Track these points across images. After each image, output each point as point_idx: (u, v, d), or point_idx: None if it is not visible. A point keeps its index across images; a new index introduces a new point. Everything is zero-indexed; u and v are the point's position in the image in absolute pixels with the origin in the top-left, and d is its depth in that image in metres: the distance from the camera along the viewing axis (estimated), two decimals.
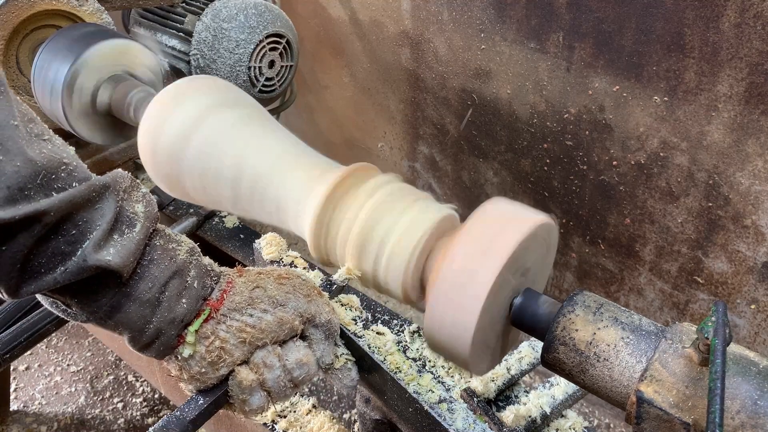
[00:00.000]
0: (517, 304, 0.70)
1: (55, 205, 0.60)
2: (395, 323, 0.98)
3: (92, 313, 0.68)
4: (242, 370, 0.73)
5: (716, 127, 1.32)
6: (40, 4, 1.23)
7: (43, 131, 0.64)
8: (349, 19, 2.00)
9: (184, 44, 1.61)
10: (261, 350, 0.74)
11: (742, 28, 1.19)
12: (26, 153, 0.59)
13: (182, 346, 0.72)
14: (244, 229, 1.52)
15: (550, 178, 1.70)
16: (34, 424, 1.93)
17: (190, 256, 0.73)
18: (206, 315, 0.72)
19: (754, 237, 1.37)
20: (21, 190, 0.58)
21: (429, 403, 0.83)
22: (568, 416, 0.93)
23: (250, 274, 0.77)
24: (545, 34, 1.50)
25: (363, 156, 2.30)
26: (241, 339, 0.72)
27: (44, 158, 0.61)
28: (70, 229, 0.62)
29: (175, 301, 0.70)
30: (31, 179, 0.59)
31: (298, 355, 0.76)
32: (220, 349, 0.72)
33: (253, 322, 0.73)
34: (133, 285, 0.68)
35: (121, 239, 0.65)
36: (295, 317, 0.75)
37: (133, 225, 0.67)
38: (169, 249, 0.71)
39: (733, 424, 0.53)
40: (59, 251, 0.62)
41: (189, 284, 0.71)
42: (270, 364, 0.74)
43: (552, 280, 1.90)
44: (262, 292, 0.75)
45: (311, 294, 0.78)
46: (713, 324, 0.54)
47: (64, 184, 0.62)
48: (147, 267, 0.69)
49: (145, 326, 0.69)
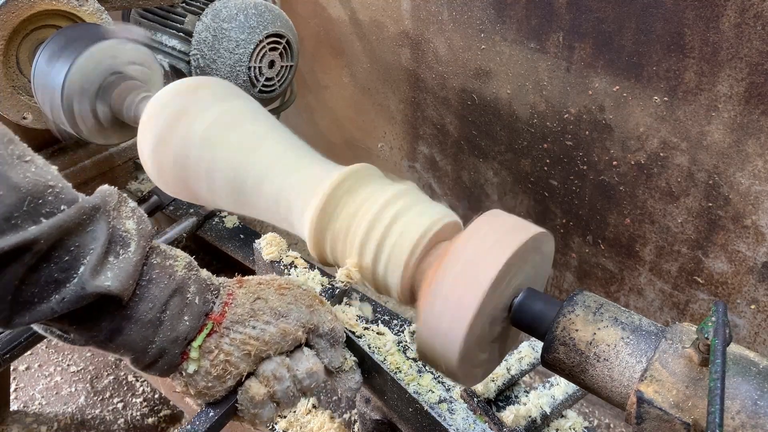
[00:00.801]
0: (517, 303, 0.70)
1: (44, 232, 0.57)
2: (395, 323, 0.98)
3: (92, 338, 0.66)
4: (253, 385, 0.72)
5: (716, 127, 1.32)
6: (40, 4, 1.23)
7: (24, 152, 0.60)
8: (349, 19, 2.00)
9: (184, 44, 1.61)
10: (270, 362, 0.73)
11: (742, 28, 1.19)
12: (9, 179, 0.56)
13: (186, 362, 0.70)
14: (244, 229, 1.52)
15: (550, 178, 1.70)
16: (34, 424, 1.93)
17: (189, 272, 0.71)
18: (209, 329, 0.71)
19: (754, 237, 1.37)
20: (7, 219, 0.55)
21: (429, 403, 0.83)
22: (568, 416, 0.93)
23: (251, 285, 0.76)
24: (545, 34, 1.50)
25: (363, 156, 2.30)
26: (246, 351, 0.71)
27: (29, 183, 0.57)
28: (62, 256, 0.59)
29: (177, 319, 0.68)
30: (16, 207, 0.56)
31: (308, 364, 0.75)
32: (225, 363, 0.71)
33: (256, 334, 0.72)
34: (134, 307, 0.66)
35: (117, 261, 0.63)
36: (298, 328, 0.74)
37: (128, 245, 0.65)
38: (166, 266, 0.69)
39: (733, 424, 0.53)
40: (52, 279, 0.59)
41: (190, 301, 0.70)
42: (280, 377, 0.73)
43: (552, 280, 1.90)
44: (264, 303, 0.74)
45: (313, 304, 0.77)
46: (713, 324, 0.54)
47: (52, 208, 0.59)
48: (146, 287, 0.67)
49: (147, 347, 0.68)
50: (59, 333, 0.67)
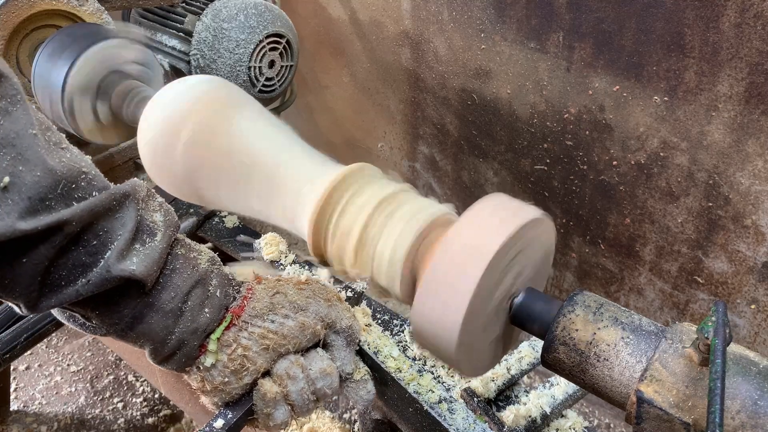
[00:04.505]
0: (518, 303, 0.70)
1: (76, 214, 0.59)
2: (395, 323, 0.98)
3: (113, 325, 0.67)
4: (266, 383, 0.72)
5: (716, 127, 1.32)
6: (40, 4, 1.22)
7: (60, 140, 0.63)
8: (349, 19, 2.00)
9: (184, 44, 1.61)
10: (284, 361, 0.73)
11: (742, 28, 1.19)
12: (46, 162, 0.58)
13: (204, 355, 0.70)
14: (244, 229, 1.52)
15: (550, 178, 1.70)
16: (34, 424, 1.93)
17: (212, 265, 0.73)
18: (228, 322, 0.71)
19: (754, 237, 1.37)
20: (42, 200, 0.57)
21: (429, 403, 0.83)
22: (568, 416, 0.93)
23: (270, 281, 0.77)
24: (545, 34, 1.50)
25: (363, 156, 2.30)
26: (264, 346, 0.71)
27: (64, 167, 0.60)
28: (91, 240, 0.61)
29: (198, 310, 0.69)
30: (51, 189, 0.58)
31: (321, 364, 0.74)
32: (243, 357, 0.70)
33: (275, 328, 0.72)
34: (156, 295, 0.67)
35: (143, 248, 0.65)
36: (317, 321, 0.74)
37: (154, 234, 0.66)
38: (190, 258, 0.70)
39: (733, 424, 0.53)
40: (80, 262, 0.61)
41: (211, 293, 0.70)
42: (293, 375, 0.73)
43: (552, 280, 1.90)
44: (283, 297, 0.74)
45: (331, 299, 0.77)
46: (713, 324, 0.54)
47: (84, 193, 0.61)
48: (169, 276, 0.68)
49: (167, 337, 0.68)
50: (81, 321, 0.68)
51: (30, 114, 0.59)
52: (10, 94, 0.58)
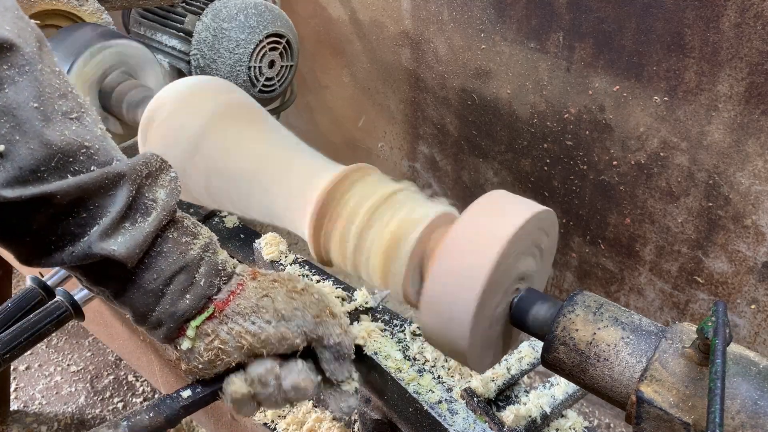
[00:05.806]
0: (517, 303, 0.70)
1: (63, 189, 0.60)
2: (395, 323, 0.98)
3: (100, 292, 0.70)
4: (236, 381, 0.72)
5: (716, 127, 1.32)
6: (40, 4, 1.23)
7: (73, 108, 0.64)
8: (349, 19, 2.00)
9: (184, 44, 1.61)
10: (260, 365, 0.72)
11: (742, 28, 1.19)
12: (43, 135, 0.60)
13: (182, 338, 0.71)
14: (244, 229, 1.52)
15: (550, 178, 1.70)
16: (34, 423, 1.93)
17: (203, 252, 0.72)
18: (209, 313, 0.71)
19: (754, 237, 1.37)
20: (33, 171, 0.59)
21: (429, 403, 0.83)
22: (568, 416, 0.93)
23: (265, 280, 0.76)
24: (545, 34, 1.50)
25: (363, 156, 2.30)
26: (240, 345, 0.71)
27: (63, 141, 0.61)
28: (81, 212, 0.63)
29: (179, 296, 0.70)
30: (44, 162, 0.60)
31: (296, 378, 0.73)
32: (219, 350, 0.71)
33: (254, 330, 0.71)
34: (139, 274, 0.68)
35: (132, 228, 0.66)
36: (297, 335, 0.73)
37: (148, 214, 0.67)
38: (181, 243, 0.71)
39: (733, 424, 0.53)
40: (69, 231, 0.63)
41: (196, 281, 0.71)
42: (265, 383, 0.72)
43: (552, 280, 1.90)
44: (270, 302, 0.73)
45: (322, 315, 0.75)
46: (713, 324, 0.54)
47: (81, 167, 0.63)
48: (155, 258, 0.68)
49: (147, 313, 0.70)
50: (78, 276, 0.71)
51: (35, 85, 0.60)
52: (20, 64, 0.59)
